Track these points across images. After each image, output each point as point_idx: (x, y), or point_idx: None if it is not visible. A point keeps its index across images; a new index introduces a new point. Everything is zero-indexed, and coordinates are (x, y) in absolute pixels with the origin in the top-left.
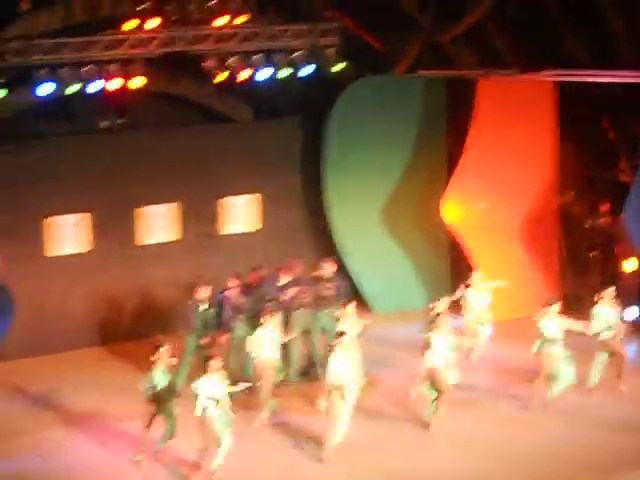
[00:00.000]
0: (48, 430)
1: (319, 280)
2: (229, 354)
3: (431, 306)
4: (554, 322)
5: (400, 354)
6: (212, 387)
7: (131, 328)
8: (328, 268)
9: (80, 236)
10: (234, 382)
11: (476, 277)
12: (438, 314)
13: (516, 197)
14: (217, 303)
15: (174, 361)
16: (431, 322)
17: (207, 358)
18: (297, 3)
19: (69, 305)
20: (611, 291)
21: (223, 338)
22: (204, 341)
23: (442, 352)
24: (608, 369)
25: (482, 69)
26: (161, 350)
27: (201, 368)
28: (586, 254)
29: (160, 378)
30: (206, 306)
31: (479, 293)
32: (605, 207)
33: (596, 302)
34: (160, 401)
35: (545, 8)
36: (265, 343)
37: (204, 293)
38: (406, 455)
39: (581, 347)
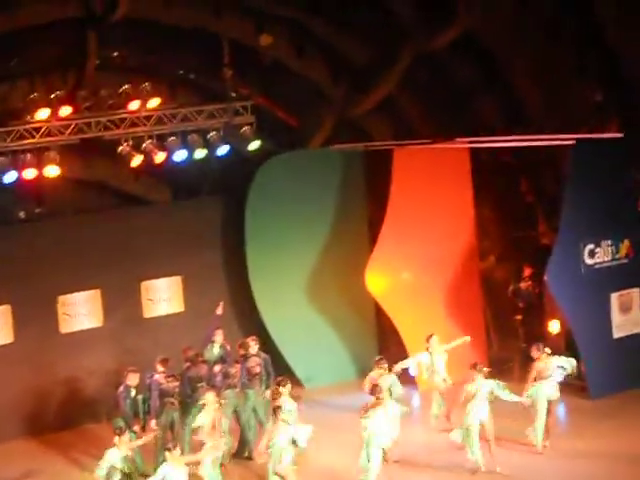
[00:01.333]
0: None
1: (246, 359)
2: (159, 438)
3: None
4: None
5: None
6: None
7: (58, 417)
8: (253, 346)
9: (2, 327)
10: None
11: (434, 341)
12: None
13: (438, 264)
14: (146, 388)
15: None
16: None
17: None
18: (209, 83)
19: None
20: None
21: (151, 423)
22: (134, 427)
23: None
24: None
25: (396, 139)
26: (123, 436)
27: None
28: (510, 318)
29: (120, 462)
30: (134, 392)
31: (440, 355)
32: (527, 271)
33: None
34: None
35: (456, 75)
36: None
37: (134, 379)
38: None
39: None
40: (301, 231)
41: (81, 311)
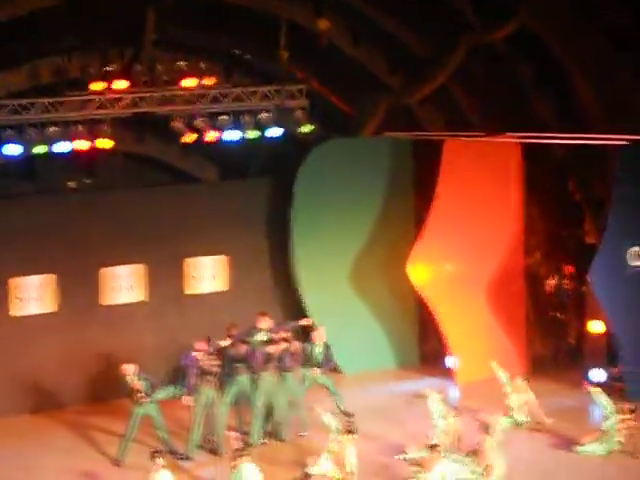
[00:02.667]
0: None
1: (286, 341)
2: (195, 417)
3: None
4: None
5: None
6: None
7: (93, 391)
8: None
9: (45, 297)
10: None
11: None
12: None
13: (483, 258)
14: (184, 365)
15: None
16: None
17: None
18: (265, 65)
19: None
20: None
21: (186, 400)
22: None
23: None
24: None
25: (448, 130)
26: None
27: None
28: (549, 315)
29: None
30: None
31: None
32: (569, 269)
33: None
34: None
35: (511, 70)
36: None
37: (129, 370)
38: None
39: None
40: (347, 217)
41: (123, 285)
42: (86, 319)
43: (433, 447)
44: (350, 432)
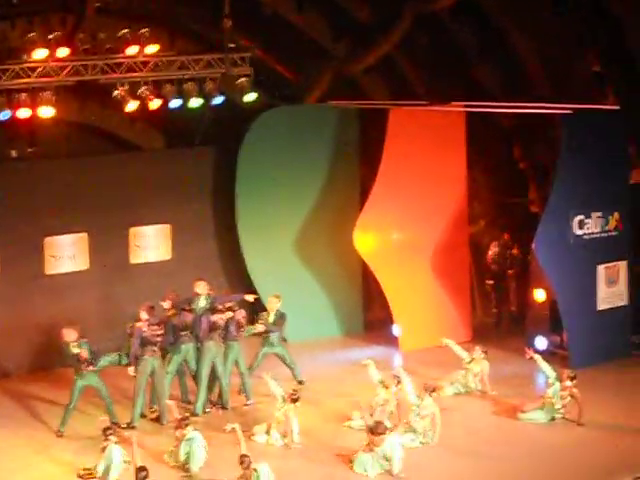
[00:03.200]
0: None
1: (231, 310)
2: (138, 386)
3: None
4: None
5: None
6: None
7: (33, 360)
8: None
9: None
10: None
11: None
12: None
13: (428, 226)
14: (128, 334)
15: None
16: None
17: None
18: (208, 33)
19: None
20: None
21: (129, 370)
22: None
23: None
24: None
25: (393, 100)
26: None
27: None
28: (492, 283)
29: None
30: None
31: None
32: (513, 237)
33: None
34: None
35: (456, 40)
36: None
37: (70, 335)
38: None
39: None
40: (292, 186)
41: (67, 254)
42: (30, 288)
43: (377, 424)
44: (294, 401)
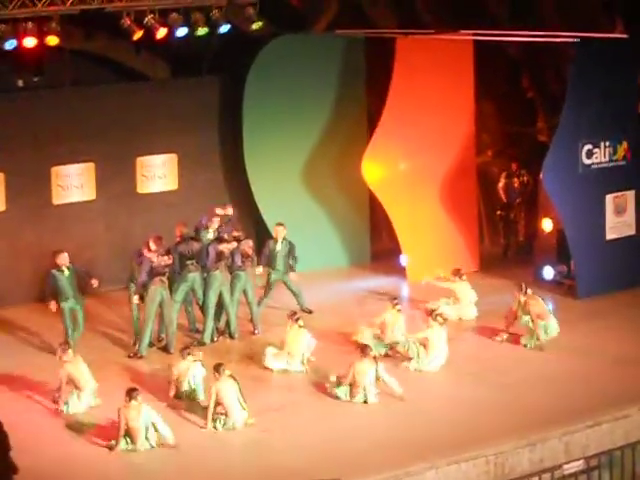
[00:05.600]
0: None
1: (239, 241)
2: (147, 315)
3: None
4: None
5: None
6: None
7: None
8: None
9: None
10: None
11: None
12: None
13: (435, 156)
14: (136, 264)
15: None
16: None
17: None
18: None
19: None
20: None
21: (133, 299)
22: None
23: None
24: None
25: (400, 28)
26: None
27: None
28: (500, 213)
29: None
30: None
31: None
32: (521, 167)
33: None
34: None
35: None
36: None
37: (63, 259)
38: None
39: None
40: (299, 115)
41: (74, 183)
42: (37, 218)
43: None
44: (296, 320)
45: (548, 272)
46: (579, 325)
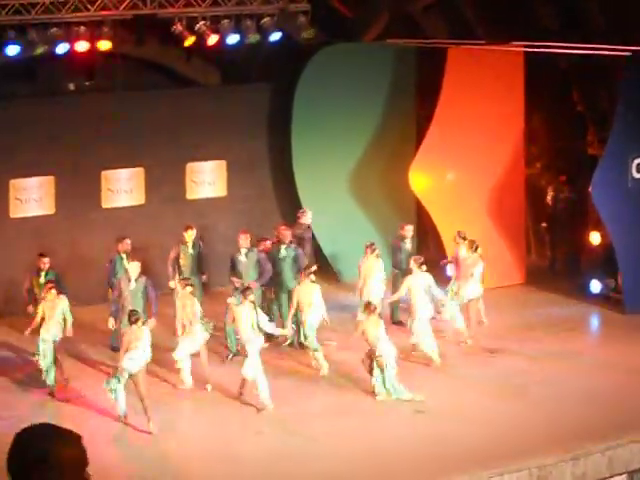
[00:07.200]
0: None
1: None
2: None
3: None
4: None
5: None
6: None
7: (92, 292)
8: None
9: (45, 198)
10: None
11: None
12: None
13: (484, 167)
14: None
15: None
16: None
17: None
18: None
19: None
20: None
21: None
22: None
23: None
24: None
25: (451, 39)
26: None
27: None
28: (548, 226)
29: None
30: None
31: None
32: (570, 180)
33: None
34: None
35: None
36: None
37: (125, 246)
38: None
39: None
40: (348, 124)
41: (123, 188)
42: (86, 221)
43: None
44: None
45: (595, 286)
46: (625, 340)
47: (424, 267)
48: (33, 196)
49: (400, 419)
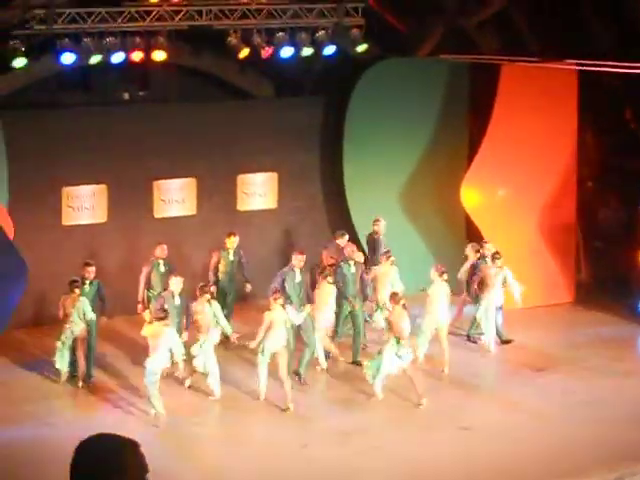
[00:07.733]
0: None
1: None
2: None
3: None
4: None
5: None
6: None
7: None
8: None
9: (97, 207)
10: None
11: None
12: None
13: (535, 185)
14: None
15: None
16: None
17: None
18: None
19: None
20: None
21: None
22: None
23: None
24: None
25: (505, 55)
26: None
27: None
28: (598, 245)
29: None
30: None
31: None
32: (622, 198)
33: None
34: None
35: None
36: None
37: (161, 252)
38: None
39: None
40: (400, 138)
41: (175, 198)
42: (137, 231)
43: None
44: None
45: None
46: None
47: (445, 276)
48: (85, 204)
49: (444, 436)
